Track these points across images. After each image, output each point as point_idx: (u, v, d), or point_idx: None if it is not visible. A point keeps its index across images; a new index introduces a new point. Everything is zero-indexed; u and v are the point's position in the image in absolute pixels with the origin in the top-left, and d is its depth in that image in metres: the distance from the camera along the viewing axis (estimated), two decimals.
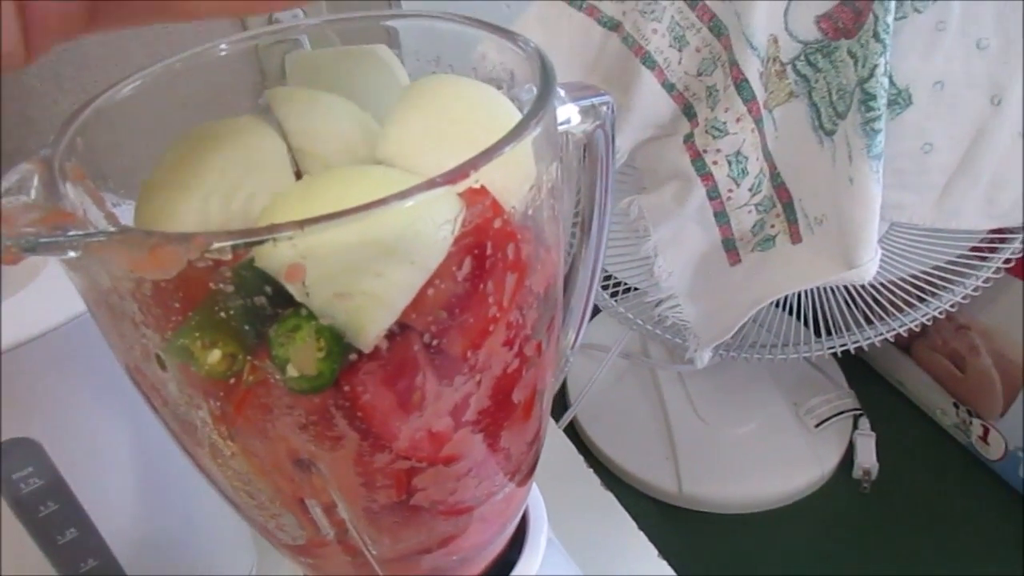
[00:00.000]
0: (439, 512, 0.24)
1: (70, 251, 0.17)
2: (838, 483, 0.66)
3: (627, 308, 0.59)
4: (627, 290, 0.58)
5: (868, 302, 0.55)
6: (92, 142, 0.22)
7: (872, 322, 0.57)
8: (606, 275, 0.57)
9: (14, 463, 0.30)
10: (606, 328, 0.68)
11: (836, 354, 0.60)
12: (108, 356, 0.22)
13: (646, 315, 0.58)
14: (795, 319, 0.59)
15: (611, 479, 0.67)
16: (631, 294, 0.58)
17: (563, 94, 0.25)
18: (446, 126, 0.22)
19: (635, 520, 0.51)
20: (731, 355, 0.61)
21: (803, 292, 0.56)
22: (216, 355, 0.19)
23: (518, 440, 0.25)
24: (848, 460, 0.66)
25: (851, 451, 0.67)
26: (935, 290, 0.54)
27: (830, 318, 0.58)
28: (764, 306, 0.51)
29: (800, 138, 0.47)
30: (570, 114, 0.25)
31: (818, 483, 0.65)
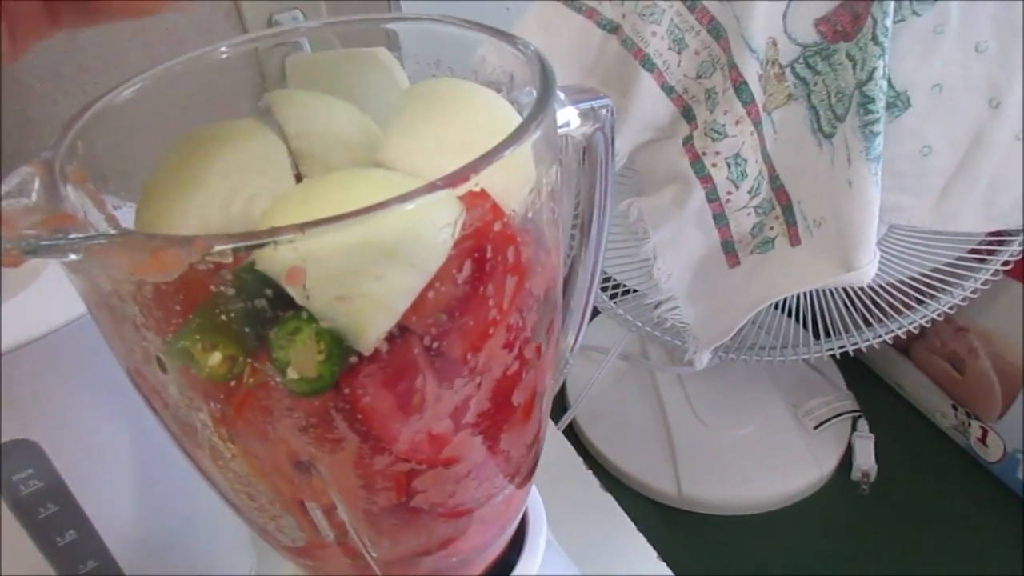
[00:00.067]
0: (439, 514, 0.24)
1: (71, 254, 0.17)
2: (837, 485, 0.66)
3: (626, 310, 0.59)
4: (626, 292, 0.58)
5: (867, 304, 0.55)
6: (93, 145, 0.22)
7: (871, 324, 0.57)
8: (605, 277, 0.57)
9: (14, 465, 0.30)
10: (605, 330, 0.68)
11: (835, 356, 0.60)
12: (108, 358, 0.22)
13: (645, 317, 0.58)
14: (794, 321, 0.59)
15: (610, 481, 0.67)
16: (630, 296, 0.59)
17: (563, 97, 0.25)
18: (446, 129, 0.22)
19: (634, 522, 0.51)
20: (730, 357, 0.61)
21: (802, 294, 0.56)
22: (217, 357, 0.19)
23: (518, 442, 0.25)
24: (847, 462, 0.67)
25: (850, 453, 0.67)
26: (934, 292, 0.54)
27: (829, 320, 0.58)
28: (763, 308, 0.51)
29: (799, 141, 0.47)
30: (570, 117, 0.25)
31: (817, 485, 0.65)
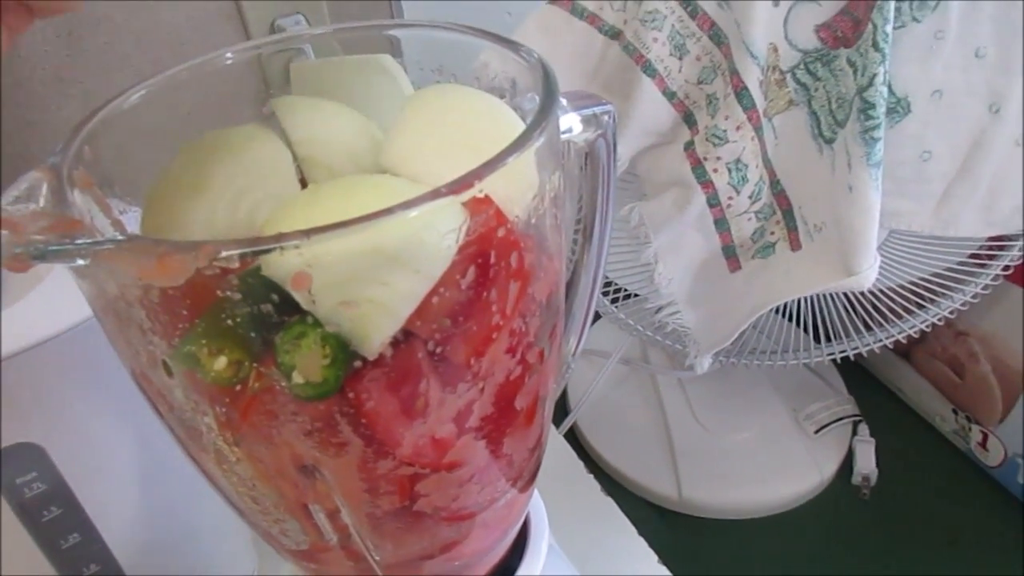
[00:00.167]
0: (442, 518, 0.24)
1: (79, 259, 0.17)
2: (837, 489, 0.66)
3: (627, 314, 0.59)
4: (627, 296, 0.59)
5: (867, 309, 0.56)
6: (100, 150, 0.22)
7: (871, 328, 0.57)
8: (607, 281, 0.58)
9: (17, 468, 0.30)
10: (606, 334, 0.68)
11: (836, 360, 0.60)
12: (112, 362, 0.22)
13: (646, 321, 0.58)
14: (795, 325, 0.59)
15: (611, 485, 0.67)
16: (631, 300, 0.59)
17: (565, 103, 0.25)
18: (450, 136, 0.22)
19: (635, 525, 0.51)
20: (731, 361, 0.61)
21: (803, 299, 0.56)
22: (222, 362, 0.19)
23: (520, 446, 0.25)
24: (847, 466, 0.66)
25: (850, 457, 0.67)
26: (934, 297, 0.54)
27: (830, 324, 0.58)
28: (764, 312, 0.51)
29: (800, 146, 0.47)
30: (572, 123, 0.25)
31: (817, 489, 0.65)
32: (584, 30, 0.48)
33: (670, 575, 0.48)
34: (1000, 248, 0.51)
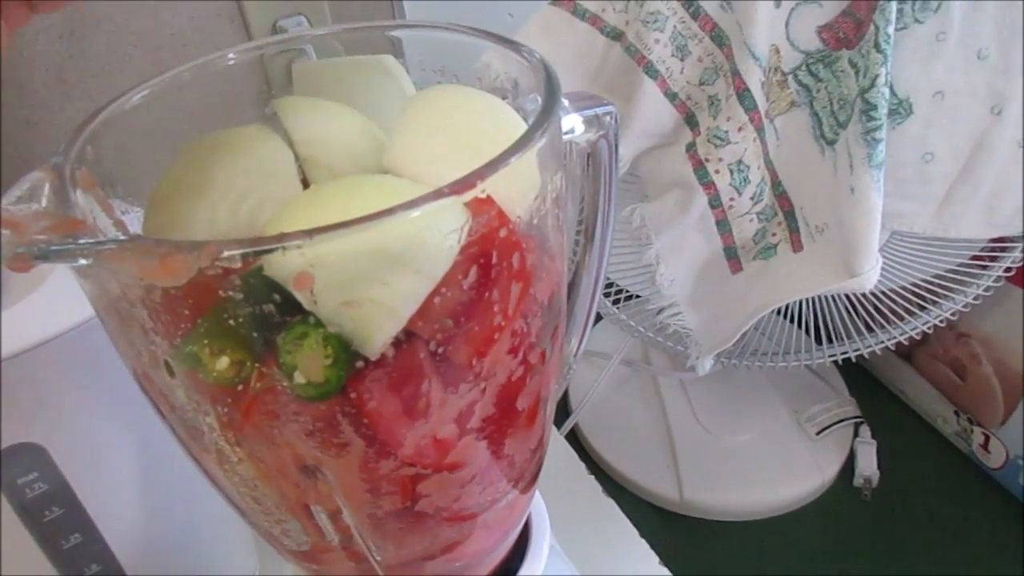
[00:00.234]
0: (443, 518, 0.24)
1: (81, 259, 0.17)
2: (839, 491, 0.66)
3: (629, 315, 0.59)
4: (629, 297, 0.58)
5: (869, 310, 0.55)
6: (102, 150, 0.22)
7: (873, 330, 0.57)
8: (608, 282, 0.58)
9: (19, 468, 0.30)
10: (608, 336, 0.68)
11: (837, 362, 0.60)
12: (114, 362, 0.23)
13: (648, 322, 0.58)
14: (796, 327, 0.59)
15: (612, 486, 0.67)
16: (633, 301, 0.59)
17: (567, 104, 0.25)
18: (452, 136, 0.22)
19: (636, 527, 0.51)
20: (732, 363, 0.61)
21: (804, 300, 0.56)
22: (224, 362, 0.19)
23: (522, 447, 0.25)
24: (849, 468, 0.66)
25: (852, 459, 0.67)
26: (936, 298, 0.54)
27: (831, 326, 0.58)
28: (765, 314, 0.51)
29: (801, 147, 0.47)
30: (574, 124, 0.25)
31: (819, 491, 0.65)
32: (586, 31, 0.48)
33: None
34: (1002, 250, 0.51)
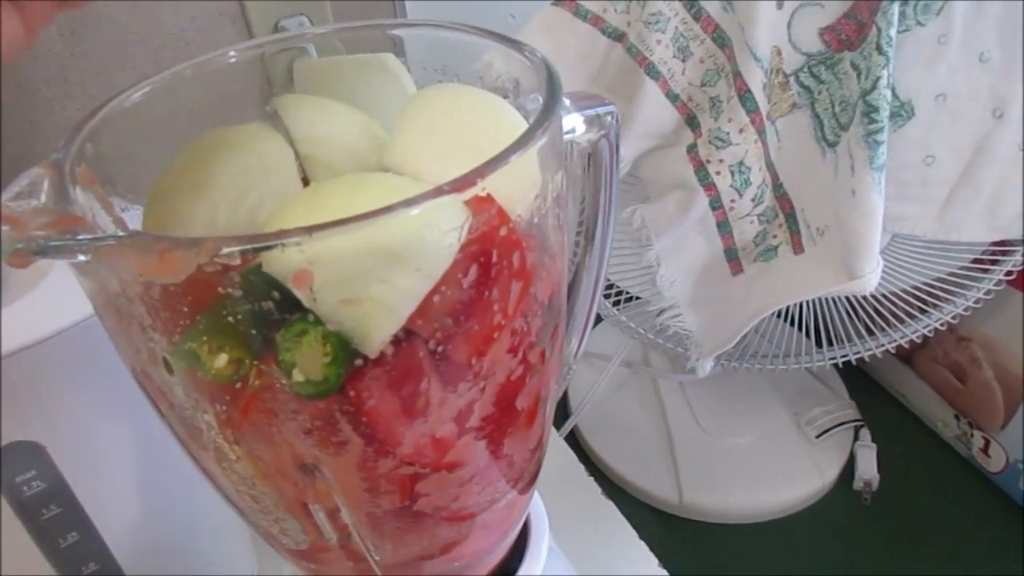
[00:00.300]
0: (442, 518, 0.24)
1: (80, 255, 0.17)
2: (839, 494, 0.66)
3: (629, 317, 0.59)
4: (629, 299, 0.58)
5: (870, 313, 0.55)
6: (102, 147, 0.22)
7: (873, 333, 0.57)
8: (608, 284, 0.57)
9: (17, 466, 0.30)
10: (608, 337, 0.68)
11: (837, 365, 0.60)
12: (112, 360, 0.22)
13: (648, 324, 0.58)
14: (796, 330, 0.59)
15: (612, 488, 0.66)
16: (633, 303, 0.58)
17: (568, 104, 0.25)
18: (452, 135, 0.22)
19: (635, 529, 0.51)
20: (732, 365, 0.61)
21: (805, 303, 0.56)
22: (223, 359, 0.19)
23: (521, 447, 0.25)
24: (849, 471, 0.66)
25: (852, 462, 0.67)
26: (937, 302, 0.54)
27: (831, 329, 0.58)
28: (766, 316, 0.51)
29: (803, 149, 0.47)
30: (575, 123, 0.25)
31: (819, 494, 0.65)
32: (588, 32, 0.48)
33: None
34: (1003, 253, 0.51)
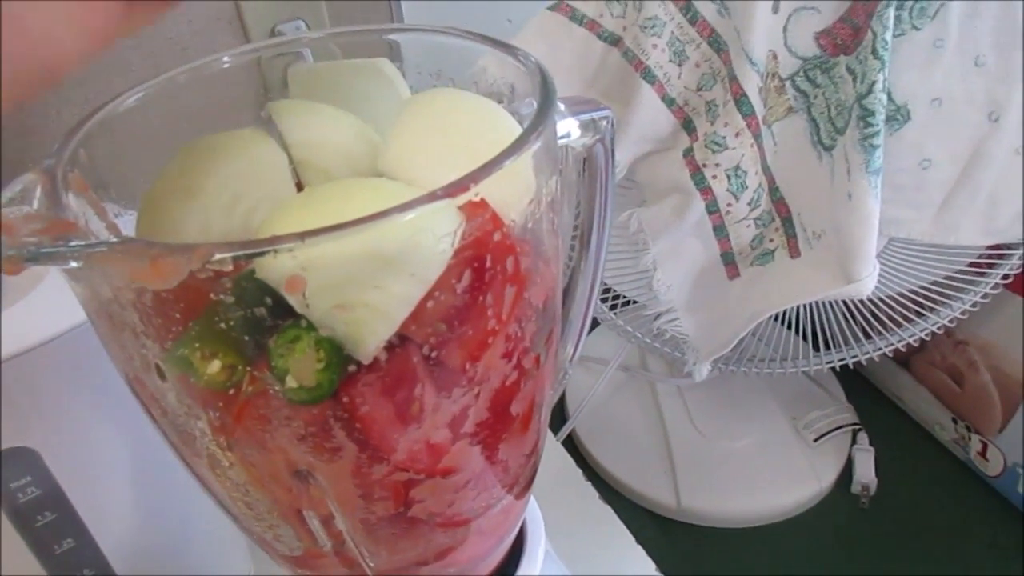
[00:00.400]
0: (437, 524, 0.24)
1: (72, 261, 0.17)
2: (836, 498, 0.66)
3: (626, 321, 0.59)
4: (626, 303, 0.58)
5: (867, 317, 0.55)
6: (95, 153, 0.22)
7: (871, 337, 0.57)
8: (605, 288, 0.57)
9: (12, 472, 0.30)
10: (605, 341, 0.68)
11: (835, 368, 0.60)
12: (107, 366, 0.22)
13: (645, 328, 0.58)
14: (794, 333, 0.59)
15: (609, 492, 0.66)
16: (630, 307, 0.58)
17: (563, 108, 0.25)
18: (447, 139, 0.22)
19: (633, 534, 0.51)
20: (730, 369, 0.61)
21: (802, 306, 0.56)
22: (216, 366, 0.19)
23: (516, 452, 0.25)
24: (847, 475, 0.66)
25: (850, 466, 0.67)
26: (934, 305, 0.54)
27: (829, 332, 0.58)
28: (763, 320, 0.51)
29: (799, 153, 0.47)
30: (570, 128, 0.25)
31: (816, 498, 0.65)
32: (584, 36, 0.48)
33: None
34: (999, 257, 0.51)
